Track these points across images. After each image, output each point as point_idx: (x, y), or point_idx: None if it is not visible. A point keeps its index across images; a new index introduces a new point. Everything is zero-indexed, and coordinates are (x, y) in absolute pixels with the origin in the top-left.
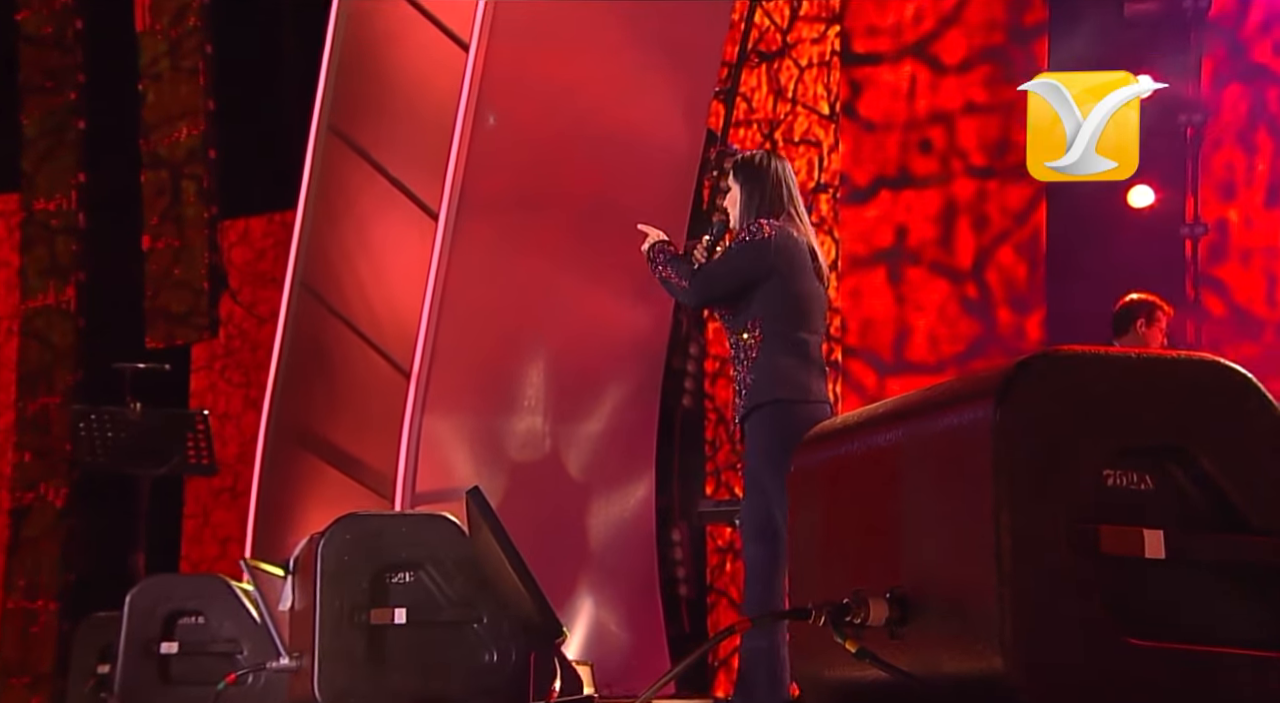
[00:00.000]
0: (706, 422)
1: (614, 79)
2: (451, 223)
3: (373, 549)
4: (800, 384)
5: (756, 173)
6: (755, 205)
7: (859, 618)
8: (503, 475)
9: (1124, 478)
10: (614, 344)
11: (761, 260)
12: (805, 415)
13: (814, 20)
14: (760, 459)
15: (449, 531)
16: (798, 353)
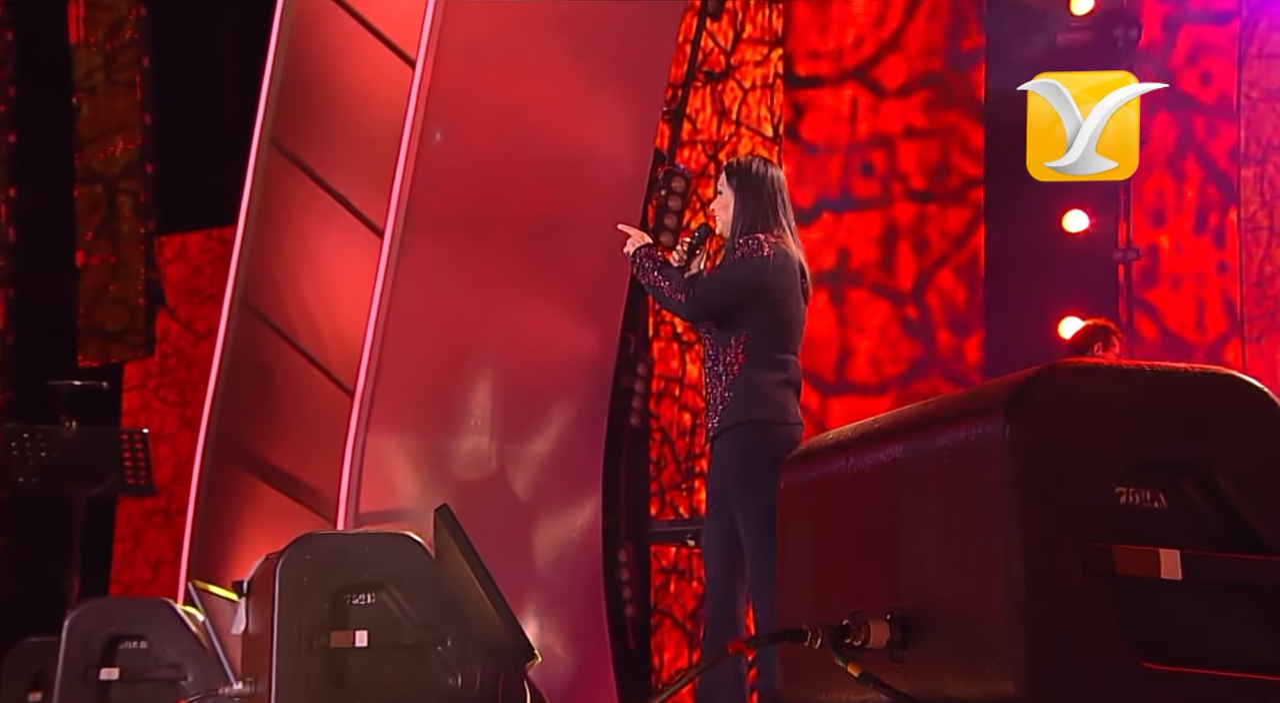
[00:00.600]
0: (651, 441)
1: (562, 98)
2: (397, 240)
3: (333, 570)
4: (779, 405)
5: (752, 180)
6: (749, 215)
7: (859, 640)
8: (448, 495)
9: (1137, 496)
10: (561, 363)
11: (760, 279)
12: (782, 438)
13: (757, 43)
14: (731, 479)
15: (412, 550)
16: (779, 373)
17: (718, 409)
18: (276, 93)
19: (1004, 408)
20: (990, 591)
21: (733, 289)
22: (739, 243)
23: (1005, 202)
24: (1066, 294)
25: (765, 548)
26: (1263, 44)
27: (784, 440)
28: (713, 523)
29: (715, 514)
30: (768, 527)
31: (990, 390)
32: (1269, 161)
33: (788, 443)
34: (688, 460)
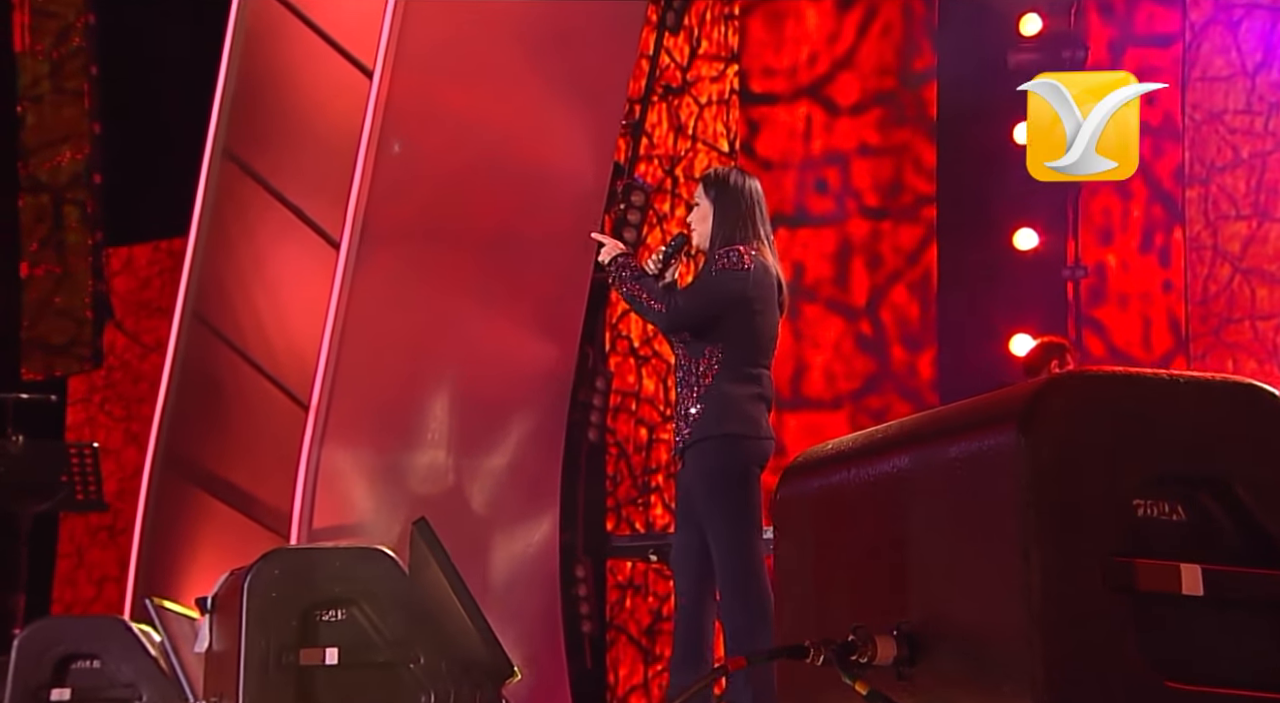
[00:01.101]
0: (608, 456)
1: (521, 111)
2: (354, 252)
3: (303, 585)
4: (751, 419)
5: (730, 191)
6: (728, 226)
7: (865, 657)
8: (404, 510)
9: (1154, 508)
10: (519, 377)
11: (740, 291)
12: (754, 452)
13: (713, 59)
14: (700, 493)
15: (385, 565)
16: (751, 387)
17: (688, 421)
18: (230, 102)
19: (1017, 417)
20: (1006, 606)
21: (713, 300)
22: (719, 254)
23: (957, 219)
24: (1017, 311)
25: (735, 563)
26: (1205, 67)
27: (754, 455)
28: (681, 538)
29: (684, 529)
30: (736, 542)
31: (1002, 399)
32: (1212, 182)
33: (758, 457)
34: (644, 475)
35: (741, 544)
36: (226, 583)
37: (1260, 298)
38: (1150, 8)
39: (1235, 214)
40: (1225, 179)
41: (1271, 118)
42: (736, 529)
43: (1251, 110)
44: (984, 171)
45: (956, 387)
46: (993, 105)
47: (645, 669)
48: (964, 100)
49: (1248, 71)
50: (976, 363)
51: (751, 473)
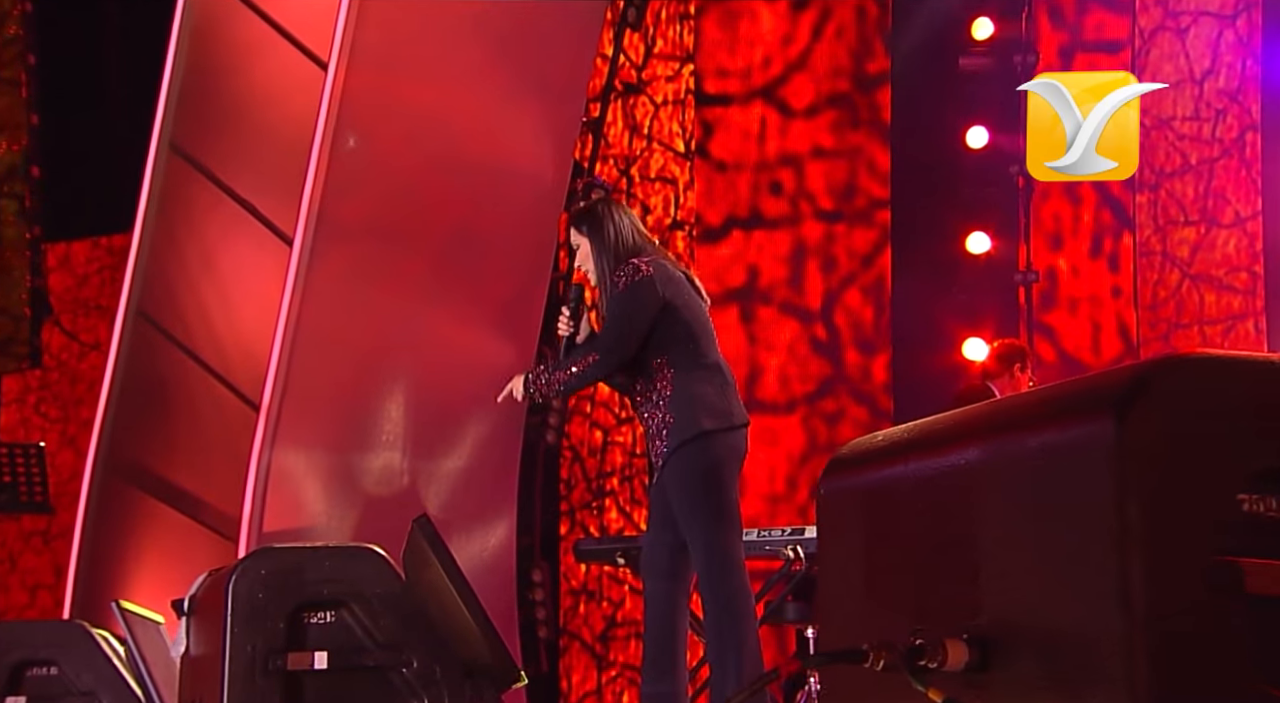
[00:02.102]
0: (562, 460)
1: (480, 106)
2: (307, 249)
3: (290, 585)
4: (722, 411)
5: (599, 219)
6: (611, 250)
7: (935, 662)
8: (357, 513)
9: (1260, 504)
10: (476, 378)
11: (653, 296)
12: (731, 443)
13: (668, 58)
14: (681, 494)
15: (376, 564)
16: (712, 378)
17: (662, 435)
18: (177, 94)
19: (1114, 405)
20: (1098, 608)
21: (632, 316)
22: (617, 275)
23: (910, 223)
24: (970, 315)
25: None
26: (1155, 73)
27: (732, 448)
28: (653, 542)
29: (659, 531)
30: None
31: (1093, 385)
32: (1161, 188)
33: (736, 450)
34: (598, 479)
35: (721, 544)
36: (206, 584)
37: (1208, 303)
38: (1100, 14)
39: (1184, 220)
40: (1174, 185)
41: (1219, 124)
42: (715, 526)
43: (1199, 117)
44: (937, 175)
45: (910, 391)
46: (946, 109)
47: (599, 675)
48: (917, 104)
49: (1195, 78)
50: (930, 367)
51: (728, 469)
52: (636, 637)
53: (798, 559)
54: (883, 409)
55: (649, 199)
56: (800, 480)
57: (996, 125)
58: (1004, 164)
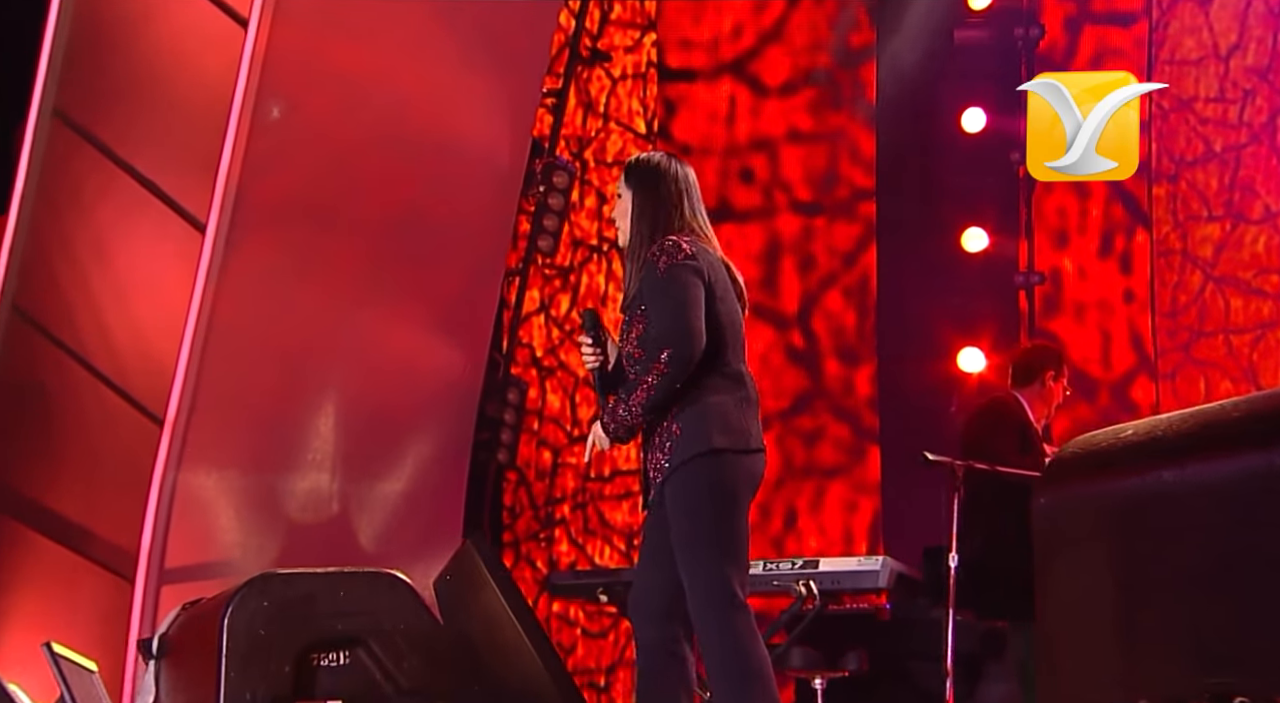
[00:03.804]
0: (505, 484)
1: (427, 73)
2: (222, 236)
3: (298, 620)
4: (739, 429)
5: (652, 177)
6: (649, 218)
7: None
8: (278, 545)
9: None
10: (419, 388)
11: (700, 279)
12: (745, 469)
13: (627, 26)
14: (682, 517)
15: (399, 593)
16: (734, 389)
17: (665, 447)
18: (62, 54)
19: None
20: None
21: (691, 304)
22: (653, 253)
23: (899, 217)
24: (965, 322)
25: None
26: (1174, 48)
27: (745, 472)
28: (648, 580)
29: (650, 565)
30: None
31: None
32: (1181, 179)
33: (750, 475)
34: (547, 506)
35: (723, 583)
36: (181, 619)
37: (1235, 310)
38: None
39: (1207, 215)
40: (1195, 175)
41: (1247, 107)
42: (721, 561)
43: (1225, 98)
44: (929, 163)
45: (898, 406)
46: (939, 88)
47: None
48: (907, 81)
49: (1220, 54)
50: (920, 380)
51: (741, 496)
52: (593, 688)
53: (810, 596)
54: (866, 427)
55: (605, 186)
56: (774, 508)
57: (995, 107)
58: (1003, 151)
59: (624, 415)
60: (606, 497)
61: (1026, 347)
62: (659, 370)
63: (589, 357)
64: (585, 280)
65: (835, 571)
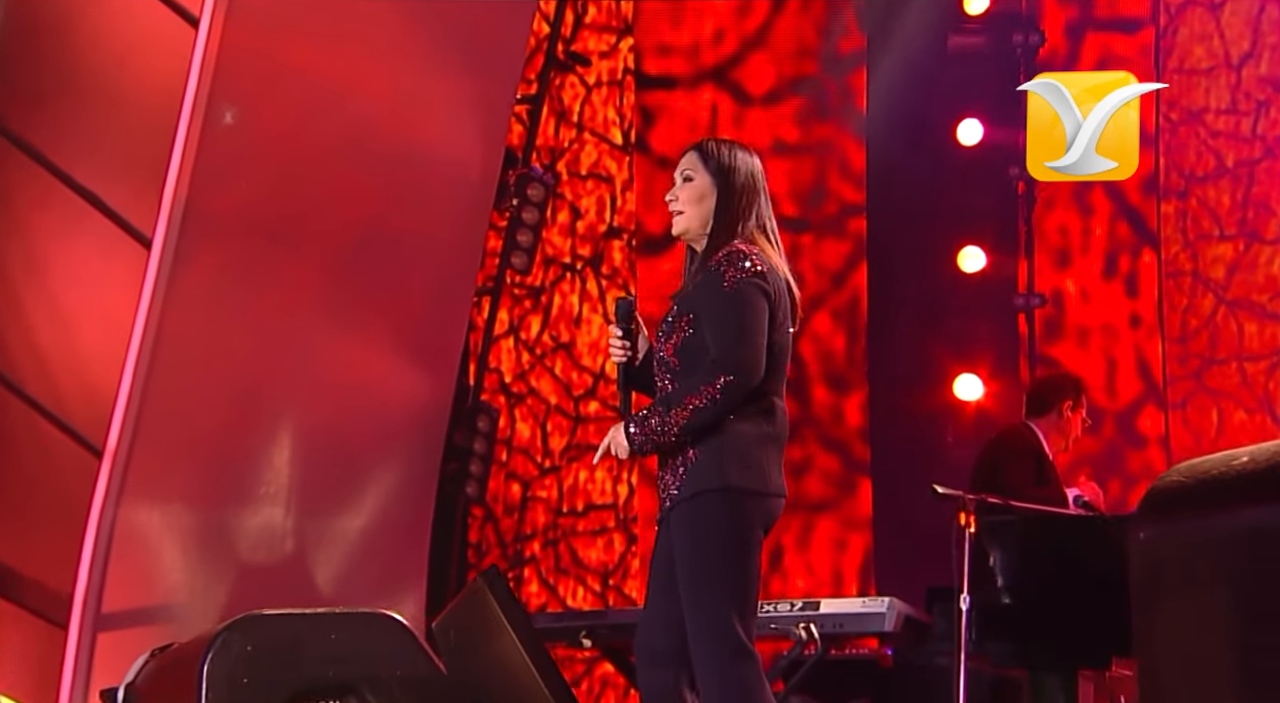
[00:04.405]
0: (471, 520)
1: (393, 78)
2: (169, 252)
3: (285, 666)
4: (759, 468)
5: (733, 170)
6: (727, 216)
7: None
8: (228, 586)
9: None
10: (382, 415)
11: (766, 302)
12: (761, 512)
13: (602, 30)
14: (688, 552)
15: (396, 636)
16: (762, 424)
17: (678, 472)
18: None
19: None
20: None
21: (759, 330)
22: (719, 261)
23: (891, 234)
24: (961, 346)
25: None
26: (1183, 57)
27: (760, 515)
28: (654, 615)
29: (659, 603)
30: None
31: None
32: (1191, 196)
33: (764, 519)
34: (516, 544)
35: (728, 627)
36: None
37: (1249, 335)
38: None
39: (1219, 234)
40: (1206, 192)
41: (1261, 119)
42: (727, 605)
43: (1237, 109)
44: (923, 178)
45: (890, 436)
46: (934, 98)
47: None
48: (898, 90)
49: (1232, 63)
50: (914, 408)
51: (755, 537)
52: None
53: (811, 640)
54: (857, 459)
55: (579, 200)
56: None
57: (993, 118)
58: (1002, 164)
59: (657, 430)
60: (580, 533)
61: (1042, 375)
62: (711, 396)
63: (617, 350)
64: (557, 301)
65: (838, 613)
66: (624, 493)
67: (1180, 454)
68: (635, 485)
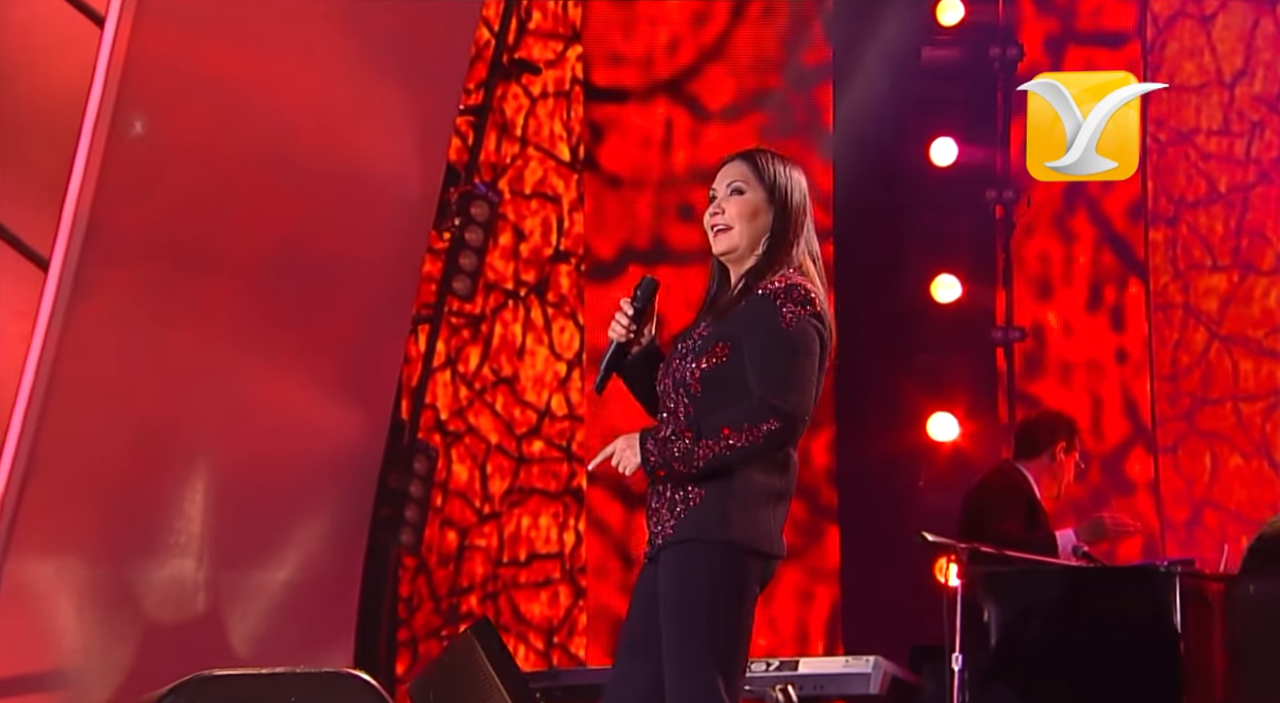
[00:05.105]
0: (403, 571)
1: (322, 85)
2: (69, 276)
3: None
4: (763, 526)
5: (788, 189)
6: (780, 239)
7: None
8: (131, 648)
9: None
10: (307, 456)
11: (822, 347)
12: (759, 571)
13: (548, 37)
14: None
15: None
16: (773, 477)
17: (675, 509)
18: None
19: None
20: None
21: (809, 383)
22: (775, 292)
23: (859, 262)
24: (935, 383)
25: None
26: (1172, 73)
27: (760, 574)
28: (626, 671)
29: (632, 658)
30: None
31: None
32: (1181, 222)
33: (763, 577)
34: (451, 598)
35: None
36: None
37: (1244, 373)
38: None
39: (1211, 264)
40: (1198, 218)
41: (1255, 141)
42: (712, 664)
43: (1230, 130)
44: (894, 200)
45: (859, 479)
46: (905, 114)
47: None
48: (866, 106)
49: (1224, 80)
50: (884, 449)
51: (750, 592)
52: None
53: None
54: (823, 504)
55: (523, 221)
56: None
57: (968, 136)
58: (978, 187)
59: (679, 460)
60: (522, 585)
61: (1032, 413)
62: (752, 439)
63: (620, 326)
64: (499, 330)
65: (819, 673)
66: (570, 541)
67: (1171, 501)
68: (583, 533)
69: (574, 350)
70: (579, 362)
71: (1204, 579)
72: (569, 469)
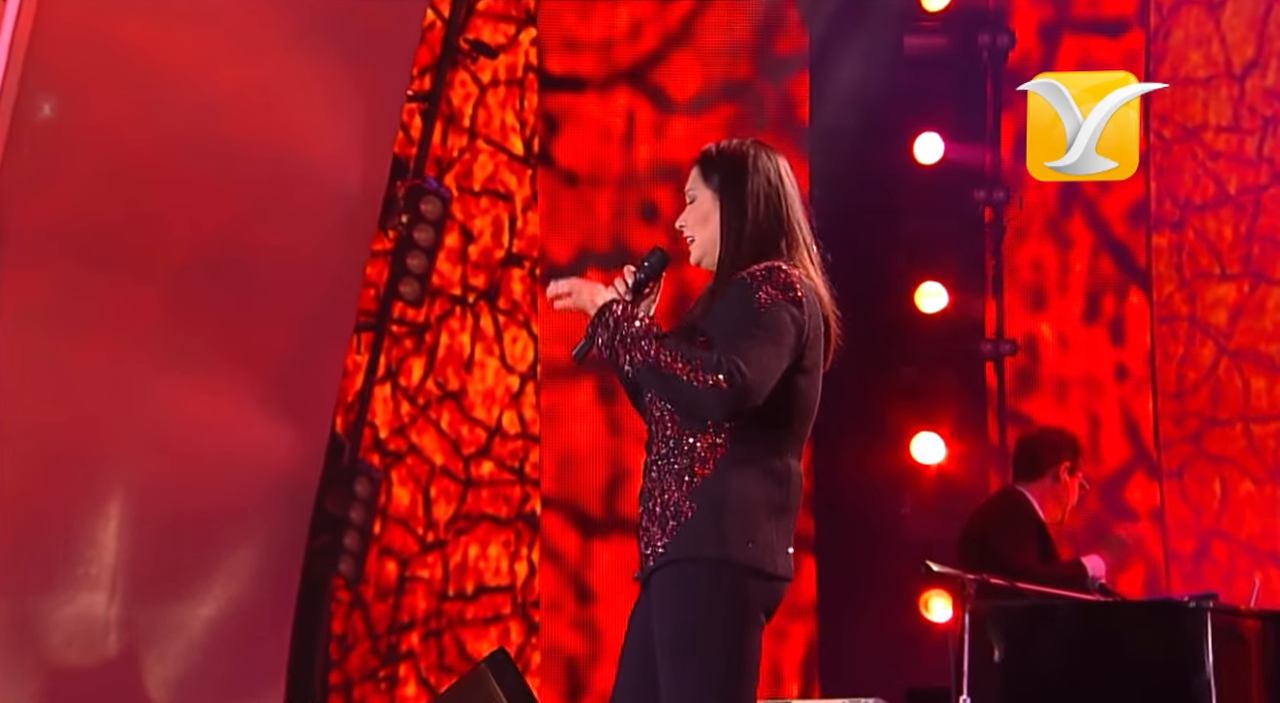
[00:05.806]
0: (336, 605)
1: (251, 66)
2: None
3: None
4: (765, 544)
5: (742, 172)
6: (743, 233)
7: None
8: (32, 692)
9: None
10: (235, 479)
11: (797, 339)
12: (760, 595)
13: (500, 19)
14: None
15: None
16: (773, 488)
17: (665, 524)
18: None
19: None
20: None
21: (781, 350)
22: (754, 275)
23: (838, 268)
24: (919, 400)
25: None
26: (1176, 64)
27: (763, 598)
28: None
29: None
30: None
31: None
32: (1187, 227)
33: (765, 602)
34: (390, 635)
35: None
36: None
37: (1256, 392)
38: None
39: (1219, 273)
40: (1205, 222)
41: (1268, 139)
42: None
43: (1240, 127)
44: (875, 202)
45: (838, 504)
46: (887, 108)
47: None
48: (844, 98)
49: (1234, 73)
50: (865, 472)
51: (753, 618)
52: None
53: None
54: (799, 532)
55: (472, 221)
56: None
57: (955, 132)
58: (966, 187)
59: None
60: (469, 621)
61: (1033, 431)
62: (693, 380)
63: (617, 289)
64: (445, 340)
65: None
66: (523, 572)
67: (1177, 531)
68: (536, 564)
69: (528, 362)
70: (533, 375)
71: (1238, 615)
72: (521, 493)
